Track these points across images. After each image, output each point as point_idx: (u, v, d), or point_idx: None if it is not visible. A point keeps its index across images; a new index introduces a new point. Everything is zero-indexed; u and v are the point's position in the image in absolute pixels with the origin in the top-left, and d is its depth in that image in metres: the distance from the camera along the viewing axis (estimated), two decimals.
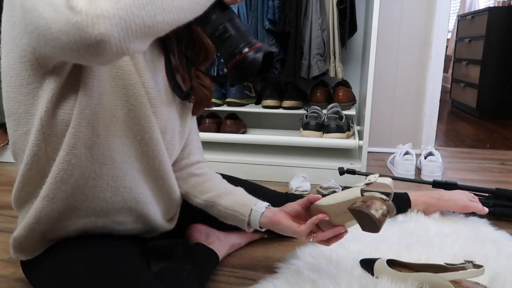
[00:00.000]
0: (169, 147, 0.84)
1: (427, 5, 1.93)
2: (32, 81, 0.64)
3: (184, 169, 0.94)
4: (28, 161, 0.68)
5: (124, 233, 0.82)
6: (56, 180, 0.68)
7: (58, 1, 0.47)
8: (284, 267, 0.94)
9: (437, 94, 2.02)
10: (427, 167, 1.70)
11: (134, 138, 0.75)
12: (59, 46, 0.49)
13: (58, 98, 0.64)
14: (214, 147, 1.78)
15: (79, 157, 0.68)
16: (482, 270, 0.79)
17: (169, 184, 0.85)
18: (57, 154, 0.67)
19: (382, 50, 1.97)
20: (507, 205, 1.26)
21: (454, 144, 2.40)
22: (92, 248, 0.76)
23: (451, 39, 4.44)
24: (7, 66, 0.66)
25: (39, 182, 0.70)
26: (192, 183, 0.93)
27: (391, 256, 0.92)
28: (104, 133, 0.69)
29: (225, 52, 0.70)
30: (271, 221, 0.83)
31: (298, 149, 1.79)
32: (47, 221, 0.72)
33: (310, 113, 1.67)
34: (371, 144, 2.04)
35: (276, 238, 1.14)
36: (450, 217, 1.21)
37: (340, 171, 1.49)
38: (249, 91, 1.86)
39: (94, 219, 0.76)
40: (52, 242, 0.77)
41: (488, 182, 1.65)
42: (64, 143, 0.66)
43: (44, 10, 0.49)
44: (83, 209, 0.74)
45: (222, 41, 0.69)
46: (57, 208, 0.71)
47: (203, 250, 0.96)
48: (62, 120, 0.65)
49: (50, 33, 0.49)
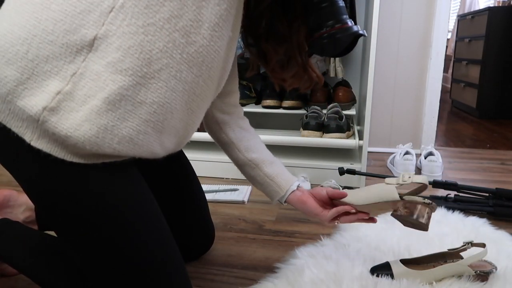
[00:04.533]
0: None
1: (427, 5, 1.93)
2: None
3: (232, 115, 0.93)
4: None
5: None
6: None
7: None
8: (284, 267, 0.94)
9: (437, 94, 2.02)
10: (427, 167, 1.70)
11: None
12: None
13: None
14: (214, 147, 1.78)
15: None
16: (486, 249, 0.86)
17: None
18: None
19: (382, 50, 1.97)
20: (507, 205, 1.26)
21: (454, 144, 2.40)
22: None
23: (451, 39, 4.44)
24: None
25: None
26: (239, 136, 0.93)
27: (391, 256, 0.92)
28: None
29: (315, 21, 0.67)
30: (298, 199, 0.88)
31: (298, 149, 1.79)
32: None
33: (310, 113, 1.67)
34: (371, 144, 2.04)
35: (276, 238, 1.14)
36: (450, 217, 1.21)
37: (340, 171, 1.49)
38: (249, 91, 1.86)
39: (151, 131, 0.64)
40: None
41: (488, 182, 1.65)
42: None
43: None
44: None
45: (317, 10, 0.67)
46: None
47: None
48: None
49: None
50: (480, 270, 0.86)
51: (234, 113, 0.94)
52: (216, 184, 1.58)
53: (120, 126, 0.59)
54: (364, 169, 1.57)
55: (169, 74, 0.61)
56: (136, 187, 0.67)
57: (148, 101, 0.60)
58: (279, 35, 0.83)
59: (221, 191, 1.49)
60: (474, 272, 0.86)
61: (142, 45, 0.58)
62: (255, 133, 0.96)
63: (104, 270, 0.65)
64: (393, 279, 0.87)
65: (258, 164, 0.90)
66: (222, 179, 1.66)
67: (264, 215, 1.30)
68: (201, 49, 0.64)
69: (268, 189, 0.91)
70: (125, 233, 0.63)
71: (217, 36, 0.65)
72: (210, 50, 0.65)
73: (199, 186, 1.01)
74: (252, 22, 0.81)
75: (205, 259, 1.03)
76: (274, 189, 0.90)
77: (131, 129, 0.60)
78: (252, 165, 0.91)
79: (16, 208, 0.99)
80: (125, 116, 0.59)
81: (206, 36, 0.63)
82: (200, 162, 1.65)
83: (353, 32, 0.68)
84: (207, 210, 1.02)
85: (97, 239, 0.63)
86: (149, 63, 0.59)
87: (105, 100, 0.57)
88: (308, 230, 1.19)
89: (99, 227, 0.62)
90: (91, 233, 0.63)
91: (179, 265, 0.70)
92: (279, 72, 0.88)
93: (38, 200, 0.64)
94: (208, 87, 0.70)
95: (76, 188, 0.61)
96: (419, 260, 0.91)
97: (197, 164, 1.05)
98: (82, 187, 0.62)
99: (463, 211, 1.27)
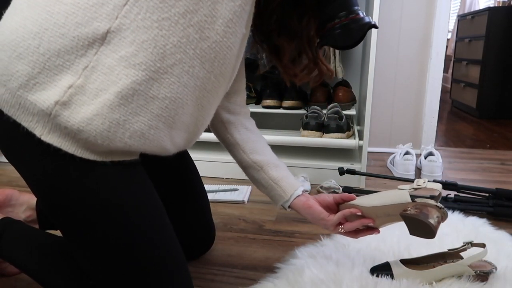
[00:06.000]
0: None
1: (427, 5, 1.93)
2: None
3: (238, 115, 0.93)
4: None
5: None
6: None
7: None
8: (284, 267, 0.94)
9: (437, 94, 2.02)
10: (427, 167, 1.70)
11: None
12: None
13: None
14: (214, 147, 1.78)
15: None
16: (486, 249, 0.86)
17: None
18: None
19: (382, 50, 1.97)
20: (507, 205, 1.26)
21: (454, 144, 2.40)
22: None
23: (451, 39, 4.44)
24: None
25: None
26: (244, 136, 0.92)
27: (391, 256, 0.92)
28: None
29: (327, 12, 0.67)
30: (303, 205, 0.86)
31: (298, 149, 1.79)
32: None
33: (310, 113, 1.67)
34: (371, 144, 2.04)
35: (276, 238, 1.14)
36: (450, 217, 1.21)
37: (340, 171, 1.49)
38: (249, 91, 1.86)
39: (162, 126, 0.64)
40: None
41: (488, 182, 1.65)
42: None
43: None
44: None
45: (329, 2, 0.67)
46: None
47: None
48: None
49: None
50: (480, 270, 0.86)
51: (240, 113, 0.93)
52: (216, 184, 1.58)
53: (132, 121, 0.59)
54: (364, 169, 1.57)
55: (182, 69, 0.61)
56: (142, 187, 0.67)
57: (161, 96, 0.60)
58: (290, 31, 0.83)
59: (221, 191, 1.49)
60: (474, 272, 0.86)
61: (156, 39, 0.58)
62: (260, 135, 0.95)
63: (107, 269, 0.65)
64: (393, 279, 0.87)
65: (262, 167, 0.89)
66: (222, 179, 1.66)
67: (264, 215, 1.30)
68: (214, 44, 0.63)
69: (272, 192, 0.90)
70: (128, 233, 0.63)
71: (231, 32, 0.64)
72: (223, 46, 0.65)
73: (201, 184, 1.01)
74: (263, 19, 0.80)
75: (205, 259, 1.03)
76: (278, 193, 0.89)
77: (142, 124, 0.60)
78: (257, 168, 0.90)
79: (18, 207, 0.99)
80: (137, 110, 0.59)
81: (219, 32, 0.63)
82: (200, 162, 1.65)
83: (366, 23, 0.67)
84: (208, 208, 1.02)
85: (100, 238, 0.63)
86: (163, 58, 0.59)
87: (118, 95, 0.57)
88: (308, 230, 1.19)
89: (103, 226, 0.62)
90: (95, 231, 0.63)
91: (182, 264, 0.70)
92: (291, 68, 0.87)
93: (43, 197, 0.64)
94: (219, 83, 0.70)
95: (82, 185, 0.61)
96: (419, 260, 0.91)
97: (198, 164, 1.05)
98: (88, 185, 0.61)
99: (463, 211, 1.27)
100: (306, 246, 1.02)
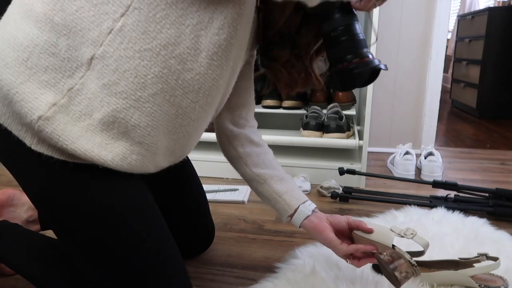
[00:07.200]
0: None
1: (427, 5, 1.93)
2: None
3: (243, 128, 0.92)
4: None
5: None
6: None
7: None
8: (284, 267, 0.94)
9: (437, 94, 2.02)
10: (427, 167, 1.70)
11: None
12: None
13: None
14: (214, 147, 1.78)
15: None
16: (498, 262, 0.81)
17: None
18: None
19: (382, 50, 1.97)
20: (507, 205, 1.26)
21: (454, 144, 2.40)
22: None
23: (451, 39, 4.44)
24: None
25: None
26: (248, 150, 0.90)
27: None
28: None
29: (334, 55, 0.67)
30: (315, 227, 0.84)
31: (298, 149, 1.79)
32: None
33: (310, 113, 1.67)
34: (371, 144, 2.04)
35: (276, 238, 1.14)
36: (450, 217, 1.21)
37: (340, 171, 1.49)
38: None
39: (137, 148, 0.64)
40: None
41: (488, 182, 1.65)
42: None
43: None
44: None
45: (335, 44, 0.66)
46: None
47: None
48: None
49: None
50: (486, 285, 0.82)
51: (246, 126, 0.93)
52: (216, 184, 1.58)
53: (114, 145, 0.60)
54: (364, 169, 1.57)
55: (163, 98, 0.62)
56: (136, 190, 0.67)
57: (142, 125, 0.61)
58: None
59: (221, 191, 1.49)
60: (479, 285, 0.82)
61: (138, 69, 0.59)
62: (267, 148, 0.94)
63: (104, 271, 0.65)
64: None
65: (266, 180, 0.88)
66: (222, 179, 1.66)
67: (264, 215, 1.30)
68: (198, 76, 0.63)
69: (277, 206, 0.88)
70: (125, 237, 0.64)
71: (216, 65, 0.64)
72: (208, 78, 0.65)
73: (198, 180, 1.01)
74: (266, 47, 0.81)
75: (205, 259, 1.03)
76: (282, 206, 0.86)
77: (124, 148, 0.61)
78: (260, 181, 0.88)
79: (19, 207, 0.99)
80: (119, 136, 0.60)
81: (203, 64, 0.63)
82: (200, 162, 1.65)
83: (372, 66, 0.66)
84: (206, 205, 1.02)
85: (96, 241, 0.63)
86: (144, 87, 0.60)
87: (100, 121, 0.59)
88: None
89: (98, 229, 0.63)
90: (90, 236, 0.63)
91: (179, 265, 0.70)
92: (288, 89, 0.89)
93: (38, 203, 0.65)
94: (206, 113, 0.70)
95: (75, 190, 0.62)
96: (430, 264, 0.89)
97: (197, 164, 1.05)
98: (81, 189, 0.62)
99: (463, 211, 1.26)
100: (306, 246, 1.02)
